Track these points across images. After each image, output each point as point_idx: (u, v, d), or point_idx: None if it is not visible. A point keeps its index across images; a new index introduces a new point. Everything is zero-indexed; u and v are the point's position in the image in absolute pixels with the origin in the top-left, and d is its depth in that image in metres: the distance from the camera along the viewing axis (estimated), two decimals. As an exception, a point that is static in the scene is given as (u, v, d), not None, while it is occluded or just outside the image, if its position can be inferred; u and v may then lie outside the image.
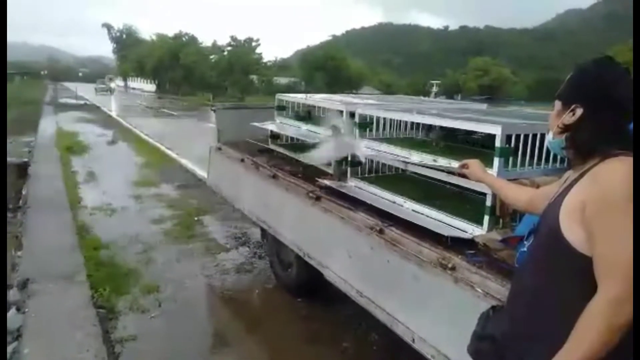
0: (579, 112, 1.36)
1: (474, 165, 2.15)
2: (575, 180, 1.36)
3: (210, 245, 5.26)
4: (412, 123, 3.58)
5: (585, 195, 1.28)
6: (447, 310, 2.24)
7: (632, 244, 1.16)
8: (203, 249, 5.14)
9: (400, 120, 3.52)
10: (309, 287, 3.97)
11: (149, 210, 6.57)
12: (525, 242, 1.67)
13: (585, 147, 1.35)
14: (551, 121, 1.51)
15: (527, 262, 1.48)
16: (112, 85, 47.58)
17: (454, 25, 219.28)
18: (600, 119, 1.33)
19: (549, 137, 1.55)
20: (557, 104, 1.46)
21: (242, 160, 4.45)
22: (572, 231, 1.29)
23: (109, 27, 74.99)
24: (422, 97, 6.22)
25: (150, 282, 4.24)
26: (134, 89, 60.93)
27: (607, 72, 1.35)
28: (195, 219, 6.18)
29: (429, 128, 3.51)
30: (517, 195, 1.90)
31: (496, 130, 2.38)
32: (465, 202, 2.92)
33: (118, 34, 75.27)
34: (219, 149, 5.04)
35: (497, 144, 2.38)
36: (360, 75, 51.42)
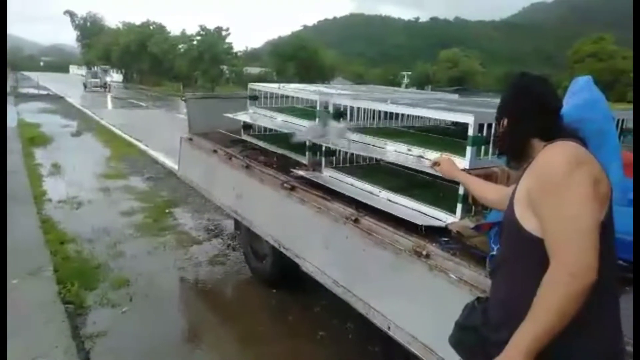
0: (506, 121, 1.56)
1: (446, 163, 2.20)
2: (523, 172, 1.46)
3: (182, 238, 5.17)
4: (386, 113, 3.59)
5: (528, 182, 1.37)
6: (422, 297, 2.27)
7: (579, 215, 1.21)
8: (175, 242, 5.05)
9: (374, 110, 3.53)
10: (284, 278, 3.96)
11: (118, 203, 6.40)
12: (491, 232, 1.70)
13: (512, 147, 1.54)
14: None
15: (499, 255, 1.52)
16: (108, 79, 36.01)
17: (424, 17, 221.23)
18: (520, 121, 1.50)
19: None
20: (495, 125, 1.67)
21: (215, 151, 4.38)
22: (527, 219, 1.35)
23: (71, 14, 72.29)
24: (395, 88, 6.25)
25: (120, 276, 4.14)
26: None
27: (520, 83, 1.56)
28: (167, 211, 6.07)
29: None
30: (488, 193, 1.95)
31: (468, 119, 2.41)
32: (439, 191, 2.96)
33: (82, 21, 72.62)
34: (190, 139, 4.94)
35: (470, 133, 2.40)
36: (333, 65, 51.29)
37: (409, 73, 55.38)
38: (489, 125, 2.45)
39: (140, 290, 3.95)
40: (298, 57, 44.61)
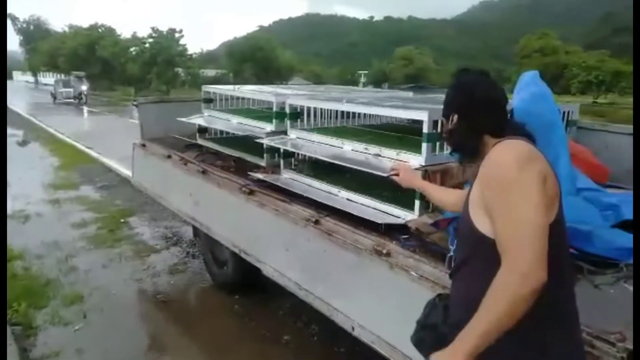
0: (455, 118, 1.53)
1: (405, 171, 2.21)
2: (478, 168, 1.45)
3: (139, 248, 4.99)
4: (343, 112, 3.58)
5: (479, 183, 1.38)
6: (384, 296, 2.26)
7: (528, 216, 1.20)
8: (131, 252, 4.86)
9: (331, 110, 3.51)
10: (246, 283, 3.88)
11: (69, 214, 6.10)
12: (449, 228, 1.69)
13: (464, 144, 1.53)
14: (444, 139, 1.72)
15: (458, 256, 1.53)
16: (84, 87, 27.31)
17: (378, 16, 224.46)
18: (470, 117, 1.49)
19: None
20: (443, 122, 1.63)
21: (169, 156, 4.24)
22: (480, 220, 1.36)
23: (13, 18, 68.59)
24: (351, 87, 6.27)
25: (72, 292, 3.94)
26: (46, 84, 55.51)
27: (466, 79, 1.56)
28: (121, 220, 5.84)
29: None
30: (447, 198, 1.96)
31: (423, 116, 2.43)
32: (397, 189, 2.96)
33: (24, 25, 69.18)
34: (143, 145, 4.77)
35: (425, 129, 2.43)
36: (290, 66, 51.15)
37: (366, 72, 55.98)
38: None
39: (95, 306, 3.77)
40: (255, 58, 44.27)
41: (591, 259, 2.05)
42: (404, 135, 3.16)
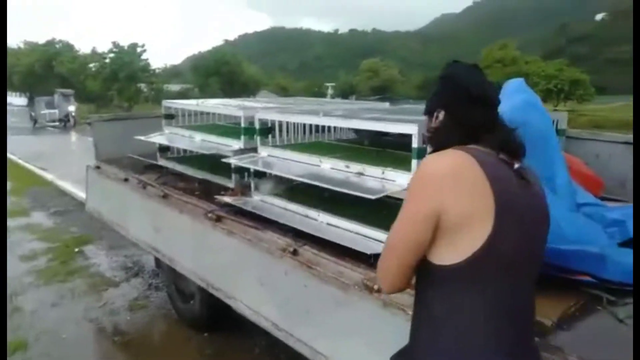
0: (442, 114, 1.37)
1: None
2: None
3: (95, 281, 4.49)
4: (316, 126, 3.28)
5: None
6: (377, 338, 1.94)
7: (399, 233, 1.25)
8: (86, 287, 4.37)
9: (304, 124, 3.21)
10: (215, 319, 3.49)
11: (18, 245, 5.52)
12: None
13: (448, 144, 1.30)
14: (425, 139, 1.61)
15: None
16: (71, 108, 22.94)
17: (343, 29, 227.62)
18: (460, 113, 1.33)
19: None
20: (425, 120, 1.46)
21: (126, 179, 3.84)
22: None
23: (-37, 34, 65.65)
24: (323, 99, 6.01)
25: (15, 338, 3.43)
26: (18, 106, 52.64)
27: (457, 71, 1.39)
28: (76, 250, 5.31)
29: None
30: None
31: (412, 129, 2.16)
32: (382, 208, 2.67)
33: (-24, 42, 66.27)
34: (98, 167, 4.34)
35: (414, 144, 2.15)
36: (257, 79, 50.83)
37: (333, 84, 56.22)
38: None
39: (42, 354, 3.29)
40: (221, 72, 43.72)
41: (607, 287, 1.82)
42: (384, 149, 2.89)
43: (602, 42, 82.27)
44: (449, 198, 1.16)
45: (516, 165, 1.29)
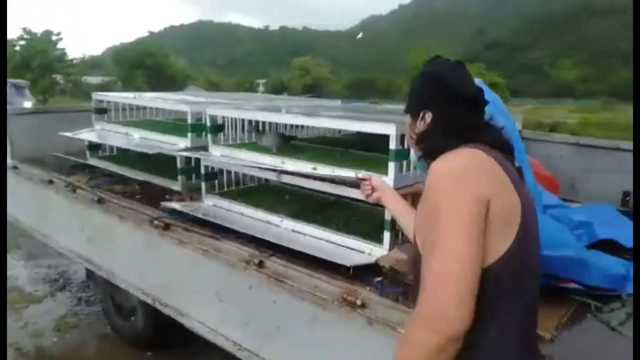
0: (429, 116, 1.27)
1: (379, 184, 1.86)
2: None
3: (13, 298, 3.92)
4: (277, 124, 3.05)
5: (420, 202, 1.21)
6: (360, 359, 1.78)
7: (453, 247, 1.01)
8: (2, 305, 3.81)
9: (256, 122, 2.95)
10: (161, 336, 3.15)
11: None
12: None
13: (440, 149, 1.18)
14: (409, 141, 1.44)
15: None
16: (27, 103, 15.90)
17: (273, 26, 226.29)
18: (450, 115, 1.24)
19: (413, 159, 1.48)
20: (407, 120, 1.37)
21: (51, 181, 3.37)
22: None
23: None
24: (269, 95, 5.77)
25: None
26: None
27: (442, 69, 1.30)
28: (-12, 261, 4.65)
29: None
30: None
31: (390, 130, 2.01)
32: (350, 214, 2.52)
33: None
34: (15, 167, 3.79)
35: (392, 146, 2.01)
36: (185, 74, 48.96)
37: (265, 81, 55.63)
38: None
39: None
40: (146, 65, 41.56)
41: (592, 293, 1.79)
42: (347, 150, 2.73)
43: (513, 48, 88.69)
44: (490, 188, 1.06)
45: (517, 164, 1.24)
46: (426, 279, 1.04)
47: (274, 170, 2.42)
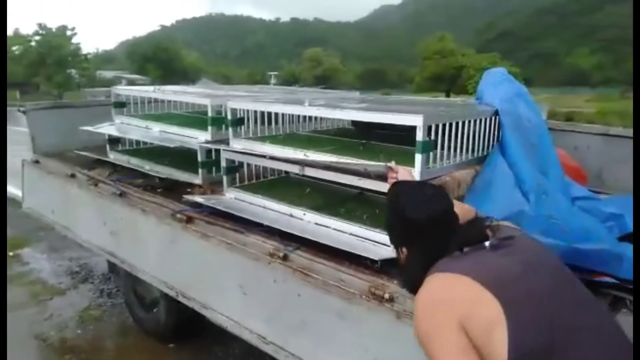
0: (405, 251, 1.38)
1: (405, 175, 1.81)
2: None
3: (36, 290, 3.99)
4: (293, 117, 3.02)
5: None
6: (389, 353, 1.76)
7: None
8: (26, 297, 3.86)
9: (275, 114, 2.92)
10: (183, 328, 3.17)
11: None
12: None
13: (417, 280, 1.28)
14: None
15: None
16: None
17: (284, 18, 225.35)
18: (420, 245, 1.33)
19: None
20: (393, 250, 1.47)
21: (73, 175, 3.40)
22: None
23: None
24: (289, 87, 5.74)
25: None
26: None
27: (405, 202, 1.35)
28: (11, 254, 4.72)
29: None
30: None
31: (417, 121, 1.97)
32: (373, 207, 2.49)
33: None
34: (37, 162, 3.83)
35: (419, 137, 1.98)
36: (197, 67, 49.15)
37: (276, 73, 55.56)
38: (436, 127, 2.07)
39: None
40: (158, 59, 41.81)
41: (626, 287, 1.74)
42: (368, 142, 2.70)
43: (524, 38, 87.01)
44: (462, 309, 1.13)
45: (487, 243, 1.25)
46: None
47: (298, 163, 2.39)
